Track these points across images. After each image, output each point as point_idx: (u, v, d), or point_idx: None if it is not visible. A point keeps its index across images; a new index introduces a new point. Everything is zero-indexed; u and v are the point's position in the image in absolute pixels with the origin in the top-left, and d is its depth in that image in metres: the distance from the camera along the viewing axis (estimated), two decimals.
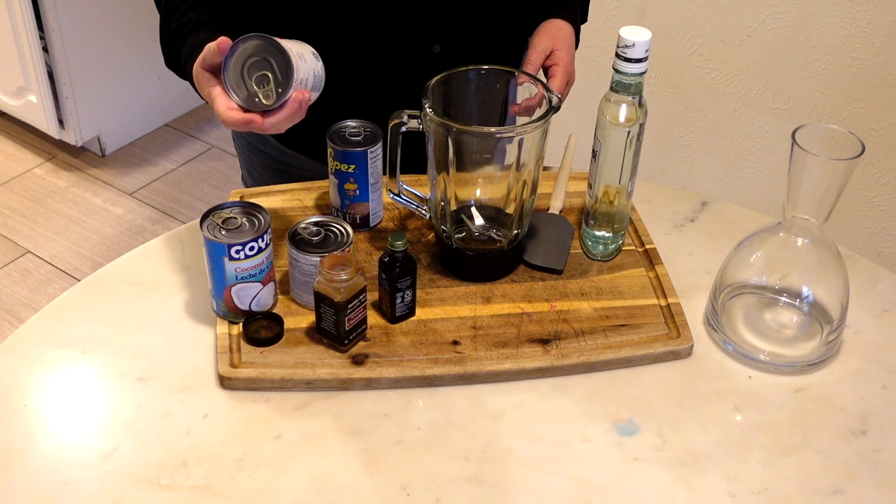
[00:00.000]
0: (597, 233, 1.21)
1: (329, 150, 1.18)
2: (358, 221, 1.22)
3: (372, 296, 1.12)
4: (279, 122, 0.98)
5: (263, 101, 0.97)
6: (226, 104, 0.98)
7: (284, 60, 0.97)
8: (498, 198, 1.17)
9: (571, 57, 1.24)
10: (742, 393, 1.06)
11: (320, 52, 1.05)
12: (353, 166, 1.17)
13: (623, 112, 1.10)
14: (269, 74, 0.98)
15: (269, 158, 1.41)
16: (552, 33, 1.24)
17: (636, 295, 1.16)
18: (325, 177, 1.23)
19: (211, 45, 0.98)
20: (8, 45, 2.58)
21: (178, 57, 1.11)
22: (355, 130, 1.19)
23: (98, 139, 2.82)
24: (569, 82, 1.24)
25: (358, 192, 1.20)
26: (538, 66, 1.22)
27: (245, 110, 0.98)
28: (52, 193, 2.71)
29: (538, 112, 1.13)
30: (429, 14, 1.23)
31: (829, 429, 1.02)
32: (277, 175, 1.41)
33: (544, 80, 1.21)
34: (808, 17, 1.99)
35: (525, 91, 1.16)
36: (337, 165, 1.18)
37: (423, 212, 1.20)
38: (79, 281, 1.20)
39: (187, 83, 1.16)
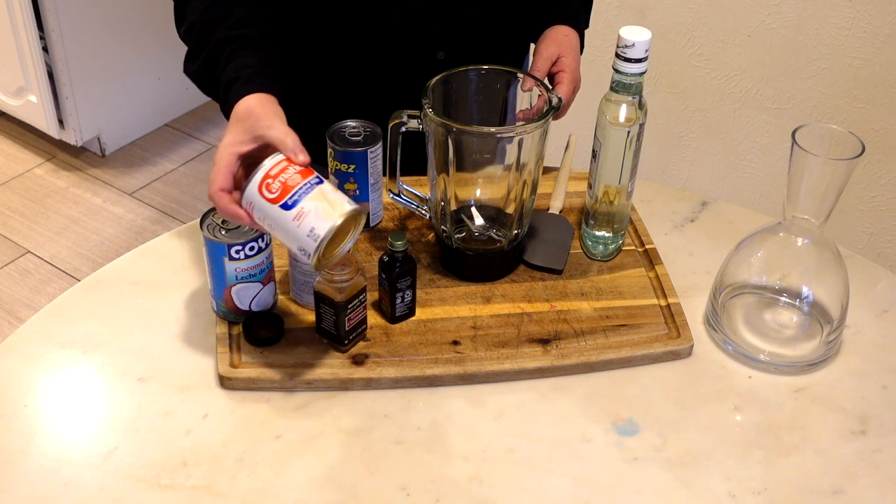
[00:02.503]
0: (597, 233, 1.21)
1: (329, 150, 1.18)
2: None
3: (372, 296, 1.12)
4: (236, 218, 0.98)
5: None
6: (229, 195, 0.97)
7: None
8: (498, 198, 1.17)
9: (577, 63, 1.24)
10: (742, 393, 1.06)
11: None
12: (353, 166, 1.17)
13: (623, 112, 1.10)
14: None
15: None
16: (558, 40, 1.24)
17: (636, 295, 1.16)
18: (325, 177, 1.23)
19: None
20: (8, 45, 2.58)
21: (214, 67, 1.07)
22: (355, 130, 1.19)
23: (98, 139, 2.82)
24: (575, 88, 1.24)
25: (358, 192, 1.19)
26: (545, 73, 1.22)
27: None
28: (52, 193, 2.70)
29: None
30: (435, 22, 1.23)
31: (829, 429, 1.02)
32: None
33: (549, 86, 1.21)
34: (808, 17, 1.99)
35: (528, 97, 1.16)
36: (337, 165, 1.18)
37: (423, 212, 1.20)
38: (79, 281, 1.20)
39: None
